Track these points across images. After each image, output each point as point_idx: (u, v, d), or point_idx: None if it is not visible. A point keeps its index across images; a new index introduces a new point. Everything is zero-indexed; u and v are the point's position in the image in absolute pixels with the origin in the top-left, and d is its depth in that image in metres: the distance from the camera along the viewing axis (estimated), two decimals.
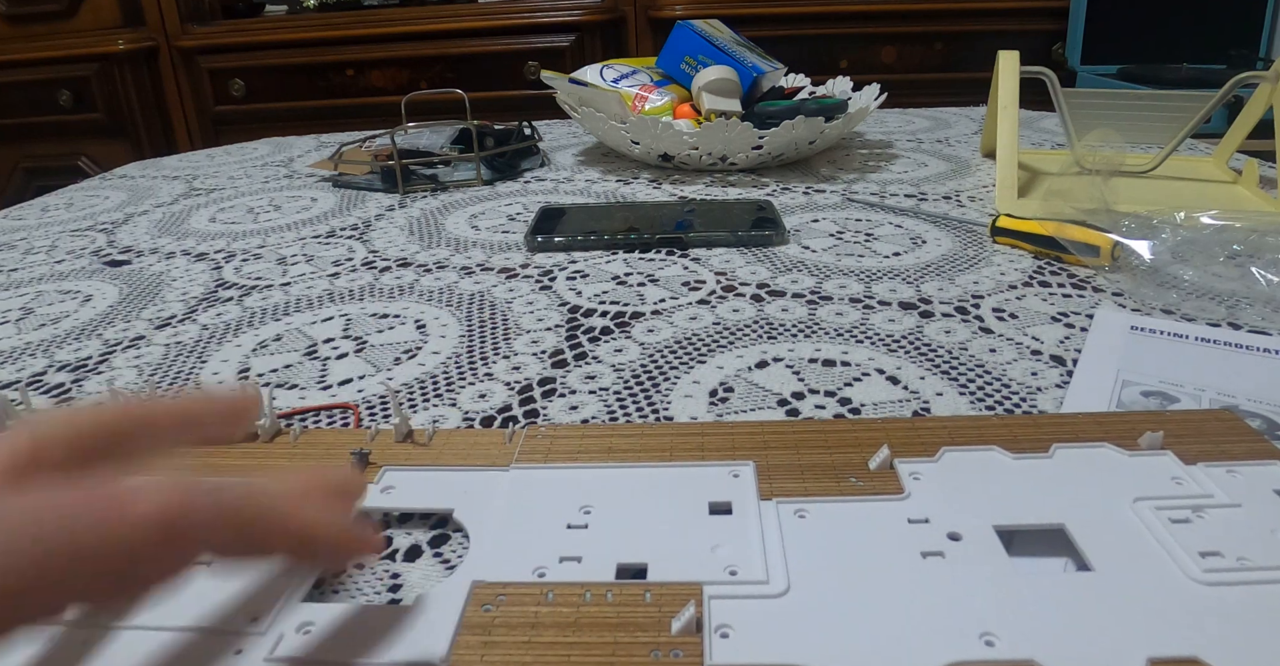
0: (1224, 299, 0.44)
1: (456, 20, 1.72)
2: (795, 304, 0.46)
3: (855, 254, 0.53)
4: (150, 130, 1.79)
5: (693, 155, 0.72)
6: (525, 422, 0.35)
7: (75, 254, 0.59)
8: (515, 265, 0.53)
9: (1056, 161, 0.73)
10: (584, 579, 0.24)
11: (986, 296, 0.46)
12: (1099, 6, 1.63)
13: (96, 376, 0.40)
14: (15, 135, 1.80)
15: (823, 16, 1.69)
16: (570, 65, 1.17)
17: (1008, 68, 0.66)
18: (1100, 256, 0.48)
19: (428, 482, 0.29)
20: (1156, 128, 0.70)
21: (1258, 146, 0.67)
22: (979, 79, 0.89)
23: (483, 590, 0.24)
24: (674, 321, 0.44)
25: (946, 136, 0.87)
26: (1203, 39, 1.62)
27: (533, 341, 0.42)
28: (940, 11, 1.69)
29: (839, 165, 0.76)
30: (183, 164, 0.88)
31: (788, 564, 0.24)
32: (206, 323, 0.46)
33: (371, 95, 1.75)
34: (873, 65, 1.72)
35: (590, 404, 0.36)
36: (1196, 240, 0.47)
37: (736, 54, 0.79)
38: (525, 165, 0.79)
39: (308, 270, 0.54)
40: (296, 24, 1.77)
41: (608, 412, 0.36)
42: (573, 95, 0.77)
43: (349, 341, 0.43)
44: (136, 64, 1.74)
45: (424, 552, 0.27)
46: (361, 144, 0.82)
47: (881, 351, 0.40)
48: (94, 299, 0.50)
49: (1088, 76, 1.62)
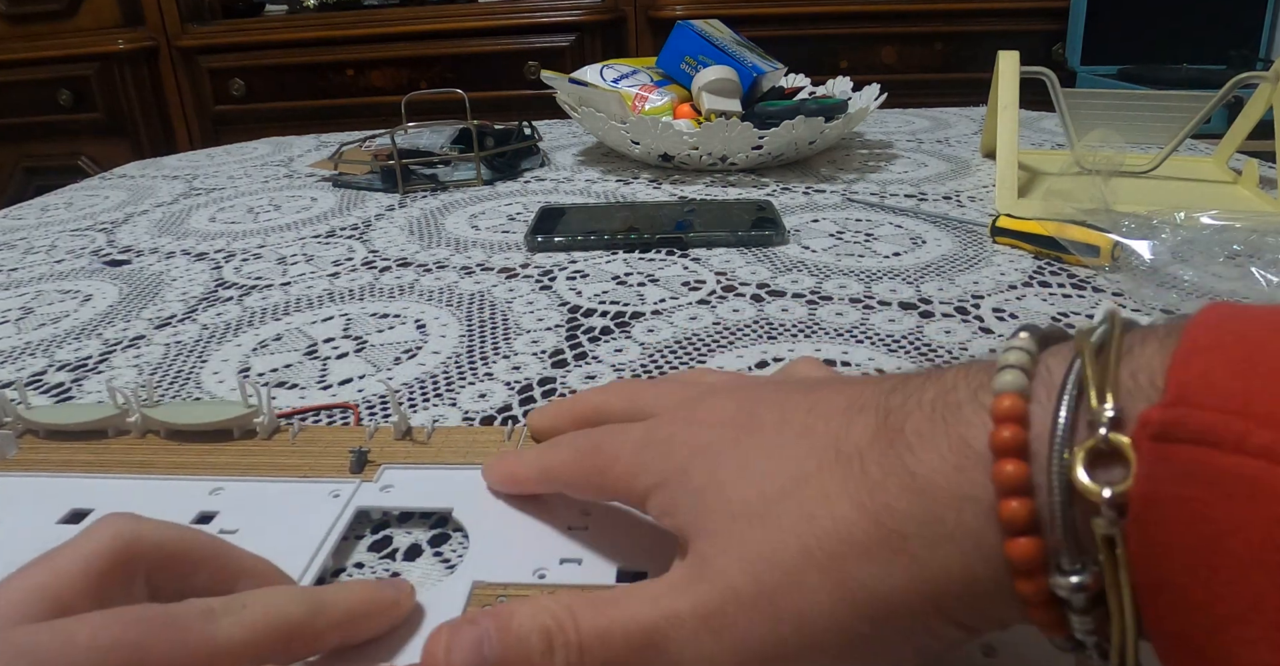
0: (1224, 299, 0.44)
1: (456, 20, 1.72)
2: (795, 304, 0.46)
3: (855, 254, 0.53)
4: (150, 130, 1.79)
5: (693, 155, 0.72)
6: (526, 422, 0.35)
7: (75, 253, 0.59)
8: (515, 265, 0.53)
9: (1056, 161, 0.73)
10: (584, 581, 0.24)
11: (987, 296, 0.46)
12: (1099, 6, 1.63)
13: (96, 376, 0.40)
14: (15, 135, 1.80)
15: (823, 16, 1.69)
16: (570, 65, 1.17)
17: (1008, 68, 0.66)
18: (1100, 256, 0.48)
19: (427, 481, 0.29)
20: (1156, 128, 0.70)
21: (1258, 146, 0.67)
22: (979, 79, 0.89)
23: (483, 590, 0.24)
24: (674, 321, 0.44)
25: (946, 136, 0.87)
26: (1203, 39, 1.62)
27: (533, 341, 0.42)
28: (940, 11, 1.69)
29: (839, 165, 0.76)
30: (183, 164, 0.88)
31: None
32: (206, 322, 0.46)
33: (371, 95, 1.75)
34: (873, 65, 1.72)
35: None
36: (1196, 240, 0.47)
37: (736, 54, 0.79)
38: (525, 165, 0.79)
39: (308, 270, 0.54)
40: (296, 24, 1.77)
41: None
42: (573, 95, 0.77)
43: (349, 341, 0.43)
44: (136, 64, 1.74)
45: (424, 552, 0.27)
46: (361, 144, 0.82)
47: (881, 351, 0.40)
48: (94, 298, 0.50)
49: (1088, 76, 1.62)
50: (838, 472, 0.19)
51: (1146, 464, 0.14)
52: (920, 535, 0.17)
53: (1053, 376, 0.17)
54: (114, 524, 0.20)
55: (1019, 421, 0.16)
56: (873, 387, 0.20)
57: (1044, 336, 0.19)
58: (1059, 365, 0.17)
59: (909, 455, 0.18)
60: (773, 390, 0.23)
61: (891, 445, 0.18)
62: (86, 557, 0.19)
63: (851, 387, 0.21)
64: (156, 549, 0.20)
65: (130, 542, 0.20)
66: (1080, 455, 0.15)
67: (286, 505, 0.28)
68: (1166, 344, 0.16)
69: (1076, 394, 0.16)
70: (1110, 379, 0.16)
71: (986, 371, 0.18)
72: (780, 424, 0.21)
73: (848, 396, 0.20)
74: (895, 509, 0.17)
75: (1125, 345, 0.16)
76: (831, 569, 0.18)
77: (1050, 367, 0.17)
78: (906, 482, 0.17)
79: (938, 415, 0.18)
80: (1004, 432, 0.16)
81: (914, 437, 0.18)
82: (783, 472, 0.19)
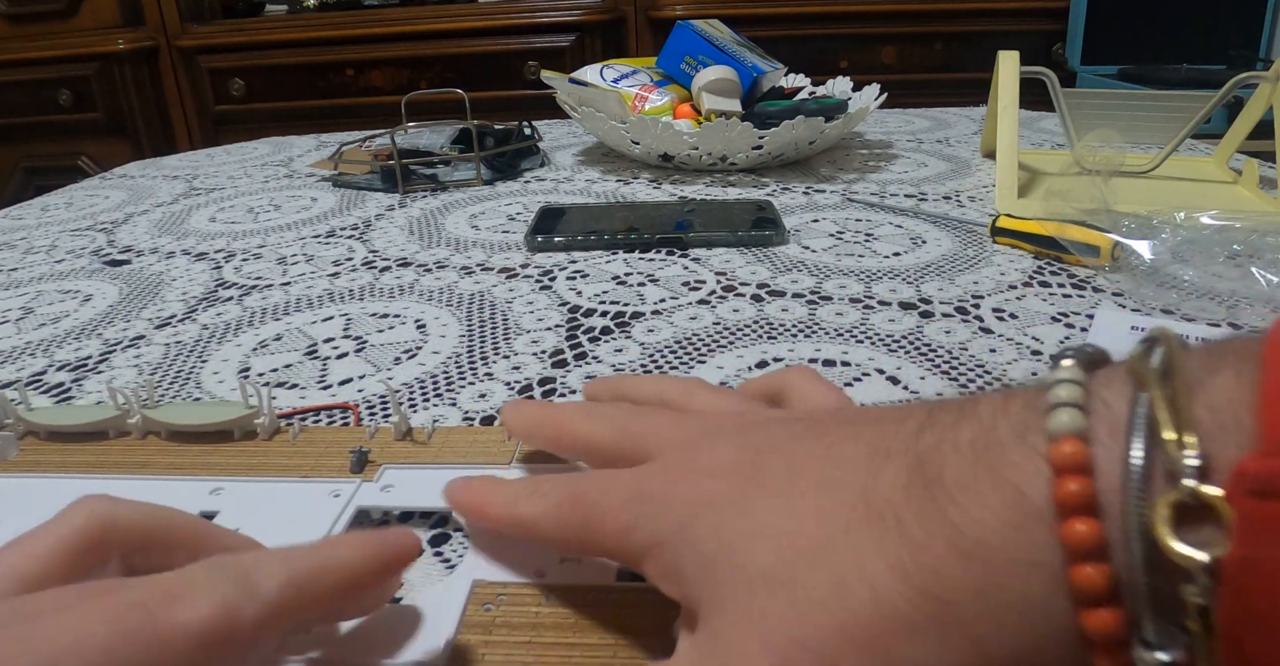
0: (1224, 299, 0.44)
1: (456, 20, 1.72)
2: (795, 304, 0.46)
3: (855, 254, 0.53)
4: (150, 130, 1.79)
5: (693, 155, 0.72)
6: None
7: (75, 253, 0.59)
8: (515, 265, 0.53)
9: (1056, 161, 0.73)
10: (584, 581, 0.24)
11: (986, 296, 0.46)
12: (1099, 6, 1.63)
13: (96, 376, 0.40)
14: (15, 135, 1.80)
15: (823, 16, 1.69)
16: (570, 65, 1.17)
17: (1008, 68, 0.66)
18: (1100, 256, 0.48)
19: (427, 481, 0.29)
20: (1156, 128, 0.70)
21: (1258, 146, 0.67)
22: (979, 79, 0.89)
23: (483, 590, 0.24)
24: (674, 321, 0.44)
25: (946, 136, 0.87)
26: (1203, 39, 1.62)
27: (533, 341, 0.42)
28: (940, 11, 1.69)
29: (839, 165, 0.76)
30: (183, 164, 0.88)
31: None
32: (206, 322, 0.46)
33: (371, 95, 1.75)
34: (873, 65, 1.72)
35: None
36: (1196, 240, 0.47)
37: (736, 54, 0.79)
38: (525, 165, 0.79)
39: (308, 270, 0.54)
40: (296, 24, 1.77)
41: None
42: (573, 95, 0.77)
43: (349, 341, 0.43)
44: (136, 64, 1.74)
45: (424, 552, 0.27)
46: (361, 144, 0.82)
47: (881, 351, 0.40)
48: (94, 298, 0.50)
49: (1088, 76, 1.62)
50: (870, 530, 0.16)
51: (1245, 523, 0.12)
52: (976, 607, 0.15)
53: (1113, 413, 0.15)
54: (88, 505, 0.19)
55: (1084, 470, 0.14)
56: (894, 427, 0.18)
57: (1089, 361, 0.16)
58: (1117, 399, 0.15)
59: (953, 508, 0.15)
60: (778, 430, 0.21)
61: (931, 497, 0.16)
62: (57, 538, 0.19)
63: (869, 428, 0.19)
64: (132, 529, 0.20)
65: (104, 523, 0.19)
66: (1164, 512, 0.13)
67: (287, 505, 0.28)
68: (1244, 373, 0.14)
69: (1148, 434, 0.14)
70: (1186, 417, 0.14)
71: (1029, 407, 0.16)
72: (791, 473, 0.19)
73: (868, 440, 0.18)
74: (943, 575, 0.15)
75: (1191, 372, 0.14)
76: (873, 649, 0.15)
77: (1108, 402, 0.15)
78: (954, 541, 0.15)
79: (981, 460, 0.15)
80: (1069, 484, 0.14)
81: (956, 487, 0.15)
82: (804, 532, 0.17)
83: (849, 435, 0.19)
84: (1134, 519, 0.13)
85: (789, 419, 0.22)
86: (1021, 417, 0.16)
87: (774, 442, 0.20)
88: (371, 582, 0.21)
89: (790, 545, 0.17)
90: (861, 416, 0.20)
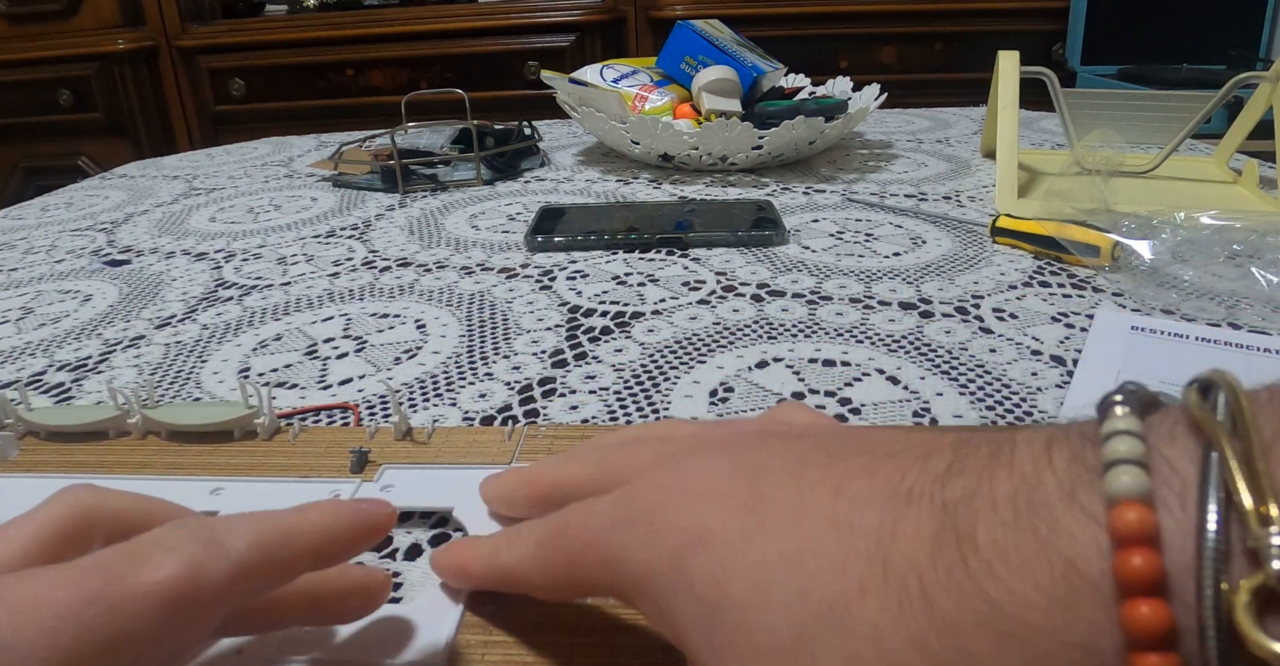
0: (1224, 299, 0.44)
1: (456, 20, 1.72)
2: (795, 304, 0.46)
3: (855, 254, 0.53)
4: (150, 130, 1.79)
5: (693, 155, 0.72)
6: (525, 422, 0.35)
7: (75, 253, 0.59)
8: (515, 265, 0.53)
9: (1056, 161, 0.73)
10: None
11: (986, 296, 0.46)
12: (1099, 6, 1.63)
13: (96, 376, 0.40)
14: (15, 135, 1.80)
15: (823, 16, 1.69)
16: (570, 65, 1.17)
17: (1008, 68, 0.66)
18: (1100, 256, 0.48)
19: (427, 481, 0.29)
20: (1156, 128, 0.70)
21: (1258, 146, 0.67)
22: (979, 79, 0.89)
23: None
24: (674, 321, 0.44)
25: (946, 136, 0.87)
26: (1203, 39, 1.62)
27: (533, 341, 0.42)
28: (940, 11, 1.69)
29: (839, 165, 0.76)
30: (183, 164, 0.88)
31: None
32: (207, 322, 0.46)
33: (371, 95, 1.75)
34: (873, 65, 1.72)
35: (590, 404, 0.36)
36: (1196, 240, 0.47)
37: (736, 54, 0.79)
38: (525, 165, 0.79)
39: (308, 270, 0.54)
40: (296, 24, 1.77)
41: (608, 412, 0.36)
42: (573, 95, 0.77)
43: (349, 341, 0.43)
44: (136, 64, 1.74)
45: (424, 552, 0.27)
46: (361, 144, 0.82)
47: (882, 351, 0.40)
48: (94, 298, 0.50)
49: (1088, 76, 1.62)
50: (889, 596, 0.14)
51: None
52: None
53: (1179, 475, 0.13)
54: (70, 493, 0.19)
55: (1151, 542, 0.12)
56: (915, 464, 0.16)
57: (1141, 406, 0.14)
58: (1181, 457, 0.13)
59: (989, 579, 0.13)
60: (779, 449, 0.18)
61: (962, 561, 0.14)
62: (38, 525, 0.19)
63: (886, 462, 0.16)
64: (113, 517, 0.20)
65: (85, 511, 0.19)
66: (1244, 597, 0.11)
67: (287, 505, 0.28)
68: None
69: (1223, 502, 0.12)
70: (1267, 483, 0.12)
71: (1078, 460, 0.14)
72: (797, 508, 0.16)
73: (885, 476, 0.16)
74: (974, 656, 0.13)
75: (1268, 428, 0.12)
76: None
77: (1172, 461, 0.13)
78: (988, 619, 0.13)
79: (1023, 522, 0.13)
80: (1134, 559, 0.12)
81: (993, 553, 0.13)
82: (815, 592, 0.15)
83: (863, 468, 0.17)
84: (1209, 604, 0.12)
85: (789, 435, 0.20)
86: (1071, 473, 0.14)
87: (775, 466, 0.18)
88: (343, 548, 0.20)
89: (801, 607, 0.15)
90: (875, 444, 0.18)
